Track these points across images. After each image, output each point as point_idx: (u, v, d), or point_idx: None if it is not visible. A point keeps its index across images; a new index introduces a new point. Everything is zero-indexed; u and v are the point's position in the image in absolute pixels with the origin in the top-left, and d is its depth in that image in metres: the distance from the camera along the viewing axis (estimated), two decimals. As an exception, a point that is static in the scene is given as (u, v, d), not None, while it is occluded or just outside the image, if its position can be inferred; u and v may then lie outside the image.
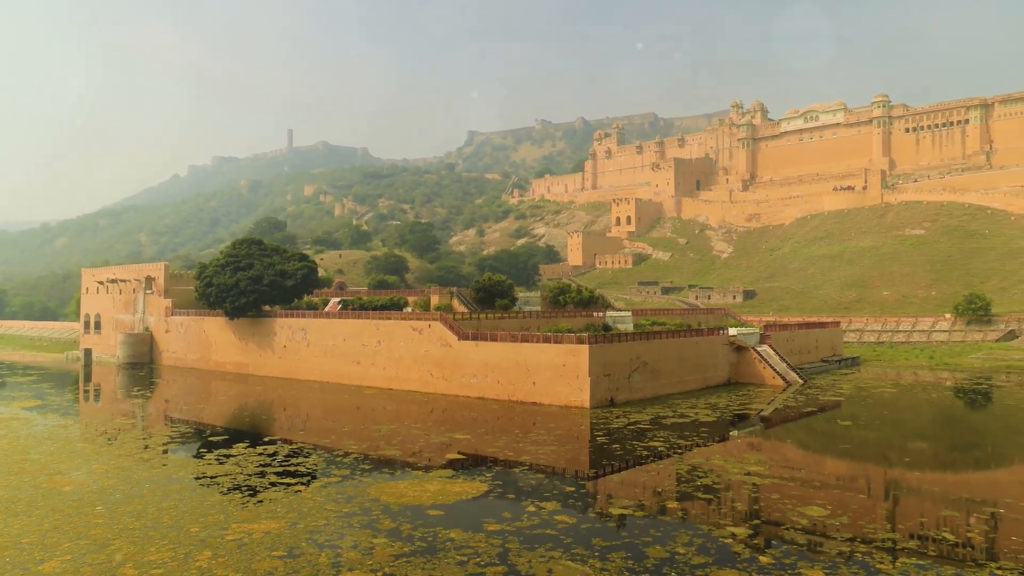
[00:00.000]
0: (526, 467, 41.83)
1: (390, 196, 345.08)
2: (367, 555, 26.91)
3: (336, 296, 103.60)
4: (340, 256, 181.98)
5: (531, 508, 33.13)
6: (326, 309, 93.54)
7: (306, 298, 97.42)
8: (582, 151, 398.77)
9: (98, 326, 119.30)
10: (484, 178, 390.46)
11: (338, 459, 44.06)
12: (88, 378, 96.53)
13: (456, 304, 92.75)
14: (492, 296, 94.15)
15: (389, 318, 79.94)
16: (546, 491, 36.65)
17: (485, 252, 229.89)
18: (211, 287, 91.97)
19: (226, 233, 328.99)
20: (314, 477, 39.76)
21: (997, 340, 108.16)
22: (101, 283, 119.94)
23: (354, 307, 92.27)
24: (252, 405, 71.53)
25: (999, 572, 25.47)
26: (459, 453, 46.09)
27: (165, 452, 46.96)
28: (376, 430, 53.96)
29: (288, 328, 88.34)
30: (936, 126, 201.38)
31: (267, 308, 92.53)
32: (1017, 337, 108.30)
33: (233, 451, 46.06)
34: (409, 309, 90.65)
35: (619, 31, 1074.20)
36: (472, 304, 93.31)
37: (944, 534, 30.13)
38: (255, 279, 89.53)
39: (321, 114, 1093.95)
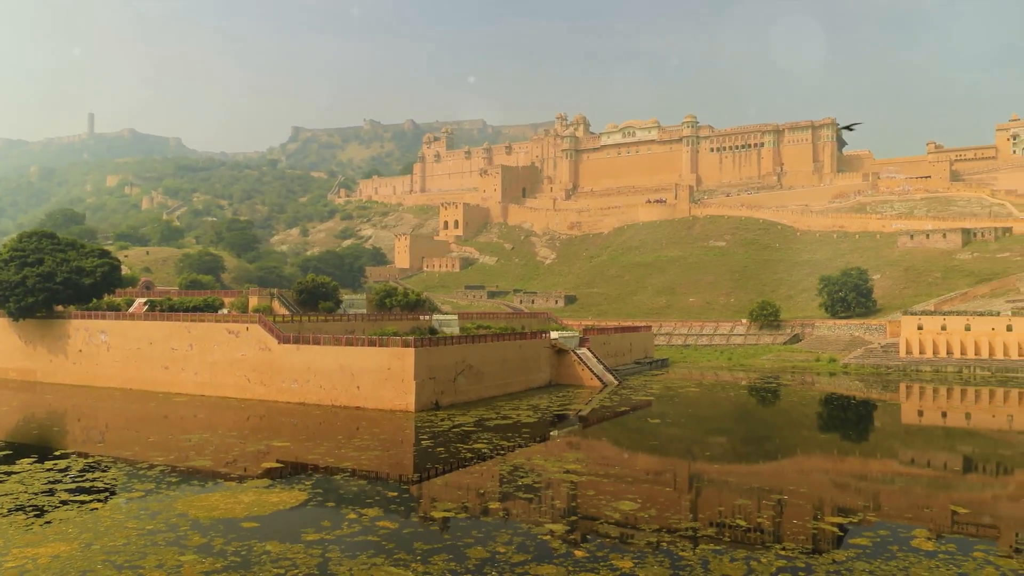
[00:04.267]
0: (348, 473, 40.97)
1: (206, 191, 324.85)
2: (174, 574, 25.16)
3: (142, 296, 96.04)
4: (148, 253, 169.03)
5: (352, 515, 32.49)
6: (130, 310, 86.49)
7: (107, 298, 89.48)
8: (411, 154, 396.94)
9: None
10: (309, 176, 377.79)
11: (141, 472, 40.86)
12: None
13: (277, 306, 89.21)
14: (316, 298, 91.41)
15: (203, 320, 75.35)
16: (368, 497, 36.10)
17: (309, 253, 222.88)
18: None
19: (12, 224, 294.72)
20: (113, 493, 36.63)
21: (784, 343, 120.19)
22: None
23: (163, 308, 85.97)
24: (40, 416, 64.68)
25: (783, 552, 28.25)
26: (277, 461, 44.33)
27: (-70, 471, 41.33)
28: (186, 440, 50.62)
29: (85, 330, 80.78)
30: (737, 147, 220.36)
31: (60, 308, 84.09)
32: (800, 340, 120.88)
33: (16, 467, 41.42)
34: (225, 311, 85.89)
35: (450, 34, 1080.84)
36: (294, 306, 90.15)
37: (738, 521, 32.98)
38: (46, 276, 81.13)
39: (128, 98, 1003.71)
